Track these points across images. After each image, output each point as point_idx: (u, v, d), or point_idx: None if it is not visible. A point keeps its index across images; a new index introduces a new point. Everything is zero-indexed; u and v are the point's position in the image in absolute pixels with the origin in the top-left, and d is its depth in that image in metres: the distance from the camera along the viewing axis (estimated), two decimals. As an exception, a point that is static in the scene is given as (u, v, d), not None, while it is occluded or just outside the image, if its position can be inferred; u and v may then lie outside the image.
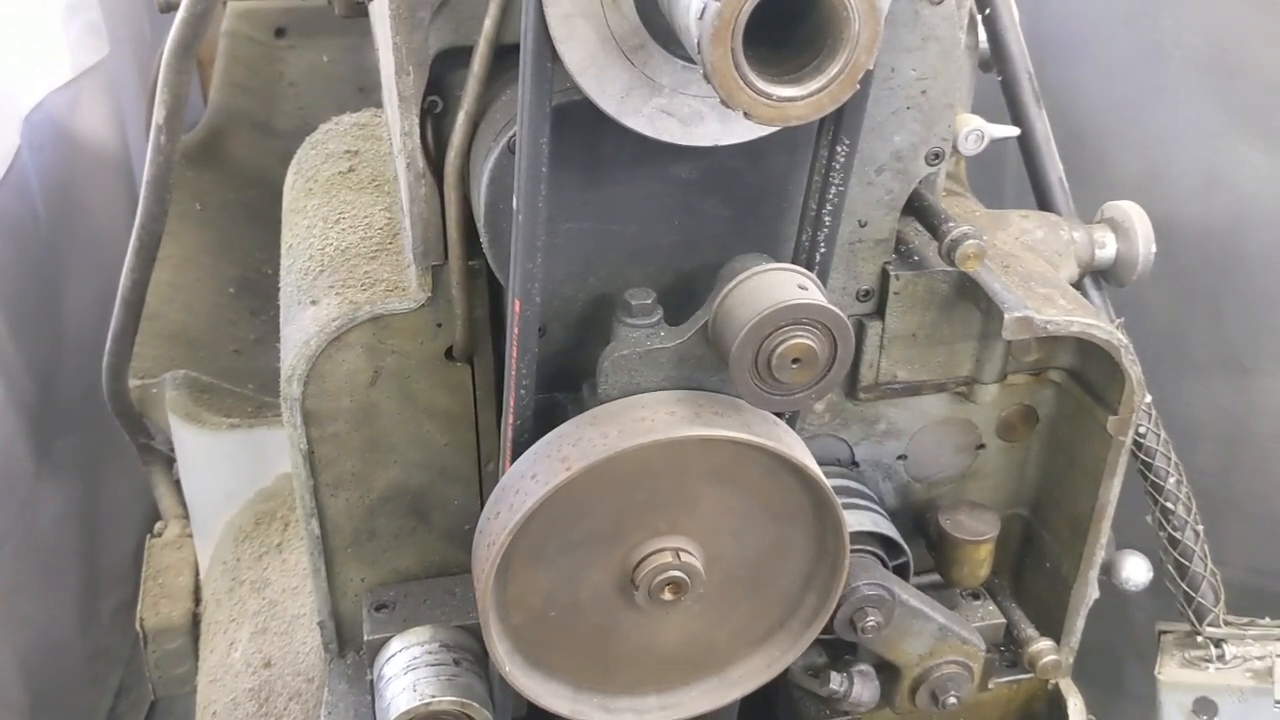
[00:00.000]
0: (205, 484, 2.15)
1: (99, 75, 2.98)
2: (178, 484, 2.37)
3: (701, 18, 0.90)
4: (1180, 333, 2.19)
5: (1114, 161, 2.18)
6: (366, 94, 2.85)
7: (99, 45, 2.99)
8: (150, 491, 2.57)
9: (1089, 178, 2.03)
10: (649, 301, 1.20)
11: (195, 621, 2.17)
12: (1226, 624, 1.74)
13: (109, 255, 2.84)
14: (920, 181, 1.36)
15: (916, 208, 1.37)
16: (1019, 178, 1.78)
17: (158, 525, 2.41)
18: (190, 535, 2.28)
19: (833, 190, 1.18)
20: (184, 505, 2.31)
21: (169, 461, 2.42)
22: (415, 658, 1.40)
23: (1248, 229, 2.05)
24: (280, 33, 2.95)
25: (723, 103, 0.93)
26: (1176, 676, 1.74)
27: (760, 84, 0.93)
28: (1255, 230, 2.04)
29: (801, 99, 0.95)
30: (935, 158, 1.34)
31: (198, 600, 2.20)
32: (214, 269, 2.60)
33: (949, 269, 1.36)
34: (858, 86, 0.95)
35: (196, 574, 2.24)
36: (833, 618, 1.37)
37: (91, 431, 2.80)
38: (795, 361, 1.13)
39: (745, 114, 0.94)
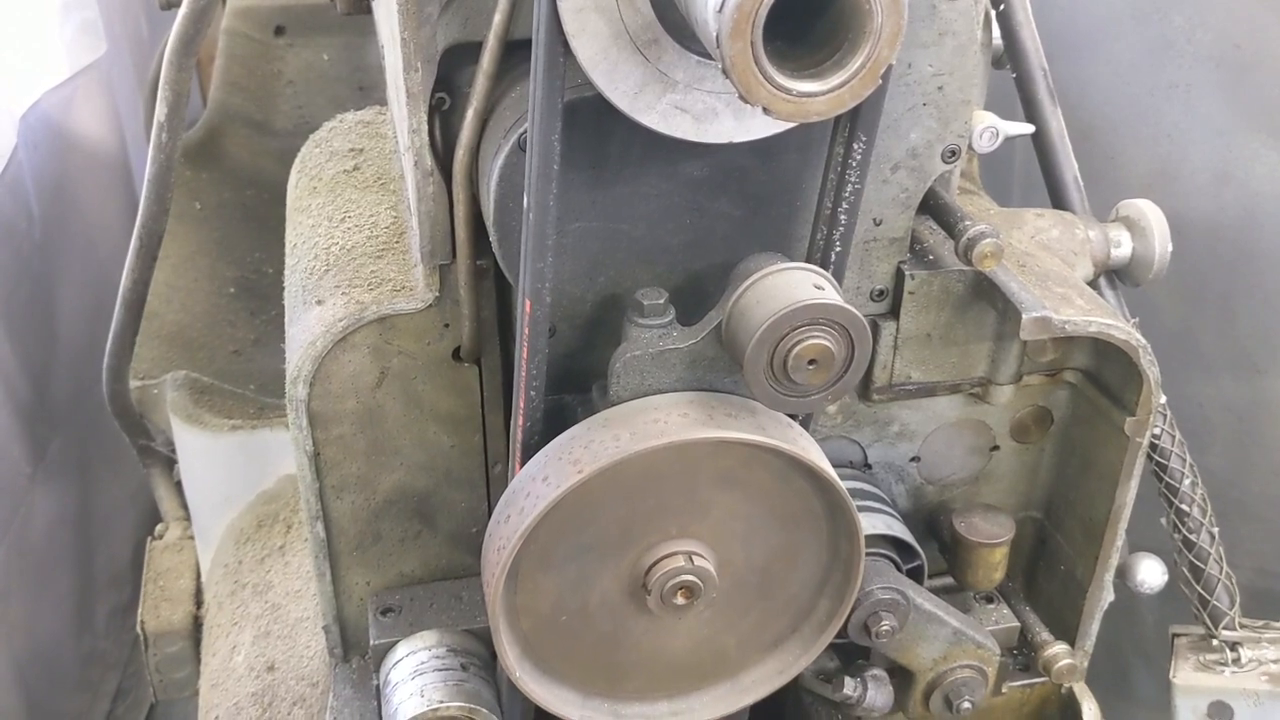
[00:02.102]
0: (206, 486, 2.13)
1: (96, 74, 2.96)
2: (178, 486, 2.35)
3: (720, 10, 0.88)
4: (1190, 332, 2.18)
5: (1125, 159, 2.17)
6: (366, 93, 2.83)
7: (96, 44, 2.98)
8: (146, 493, 2.56)
9: (1099, 175, 2.01)
10: (661, 302, 1.18)
11: (196, 625, 2.16)
12: (1242, 627, 1.72)
13: (105, 255, 2.83)
14: (935, 179, 1.34)
15: (932, 206, 1.35)
16: (1027, 175, 1.77)
17: (158, 527, 2.39)
18: (191, 537, 2.26)
19: (849, 188, 1.16)
20: (185, 507, 2.29)
21: (169, 463, 2.40)
22: (422, 663, 1.38)
23: (1260, 227, 2.03)
24: (279, 31, 2.93)
25: (741, 98, 0.91)
26: (1191, 680, 1.72)
27: (780, 79, 0.91)
28: (1267, 228, 2.02)
29: (822, 94, 0.93)
30: (951, 155, 1.32)
31: (199, 603, 2.18)
32: (212, 269, 2.58)
33: (965, 268, 1.34)
34: (880, 82, 0.93)
35: (198, 577, 2.22)
36: (846, 622, 1.35)
37: (87, 433, 2.79)
38: (811, 363, 1.11)
39: (765, 110, 0.92)
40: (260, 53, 2.92)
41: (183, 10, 1.86)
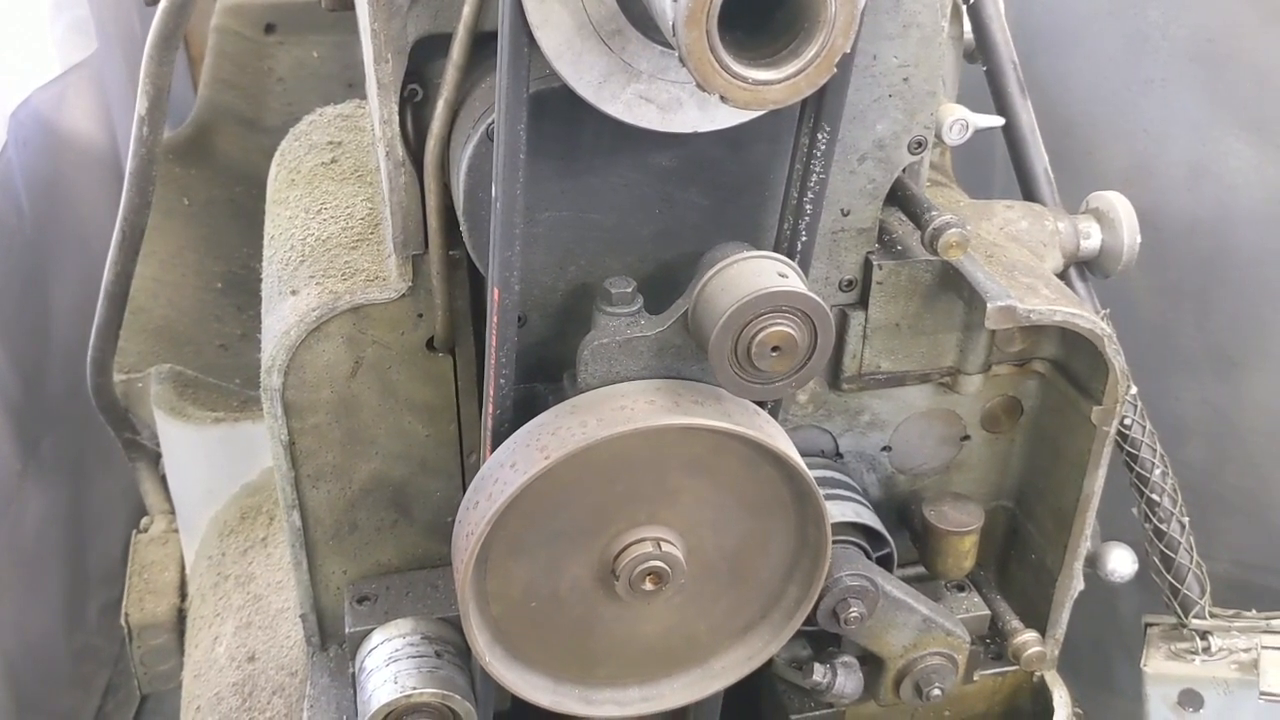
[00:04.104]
0: (190, 479, 2.14)
1: (87, 71, 2.97)
2: (163, 479, 2.36)
3: (676, 0, 0.89)
4: (1167, 326, 2.19)
5: (1102, 153, 2.18)
6: (356, 90, 2.84)
7: (87, 42, 2.99)
8: (138, 490, 2.57)
9: (1077, 169, 2.03)
10: (629, 290, 1.19)
11: (181, 617, 2.17)
12: (1212, 616, 1.74)
13: (96, 252, 2.83)
14: (903, 170, 1.35)
15: (899, 197, 1.36)
16: (1007, 169, 1.78)
17: (143, 521, 2.40)
18: (176, 530, 2.27)
19: (814, 178, 1.17)
20: (170, 501, 2.30)
21: (155, 457, 2.41)
22: (397, 650, 1.39)
23: (1235, 221, 2.04)
24: (270, 29, 2.95)
25: (699, 86, 0.93)
26: (1162, 669, 1.74)
27: (736, 67, 0.92)
28: (1243, 223, 2.04)
29: (778, 82, 0.94)
30: (918, 146, 1.34)
31: (183, 596, 2.19)
32: (200, 265, 2.60)
33: (932, 258, 1.36)
34: (835, 70, 0.95)
35: (182, 569, 2.23)
36: (815, 609, 1.37)
37: (79, 430, 2.80)
38: (775, 349, 1.12)
39: (721, 97, 0.93)
40: (251, 50, 2.93)
41: (162, 5, 1.88)
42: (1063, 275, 1.60)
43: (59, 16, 2.89)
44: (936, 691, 1.50)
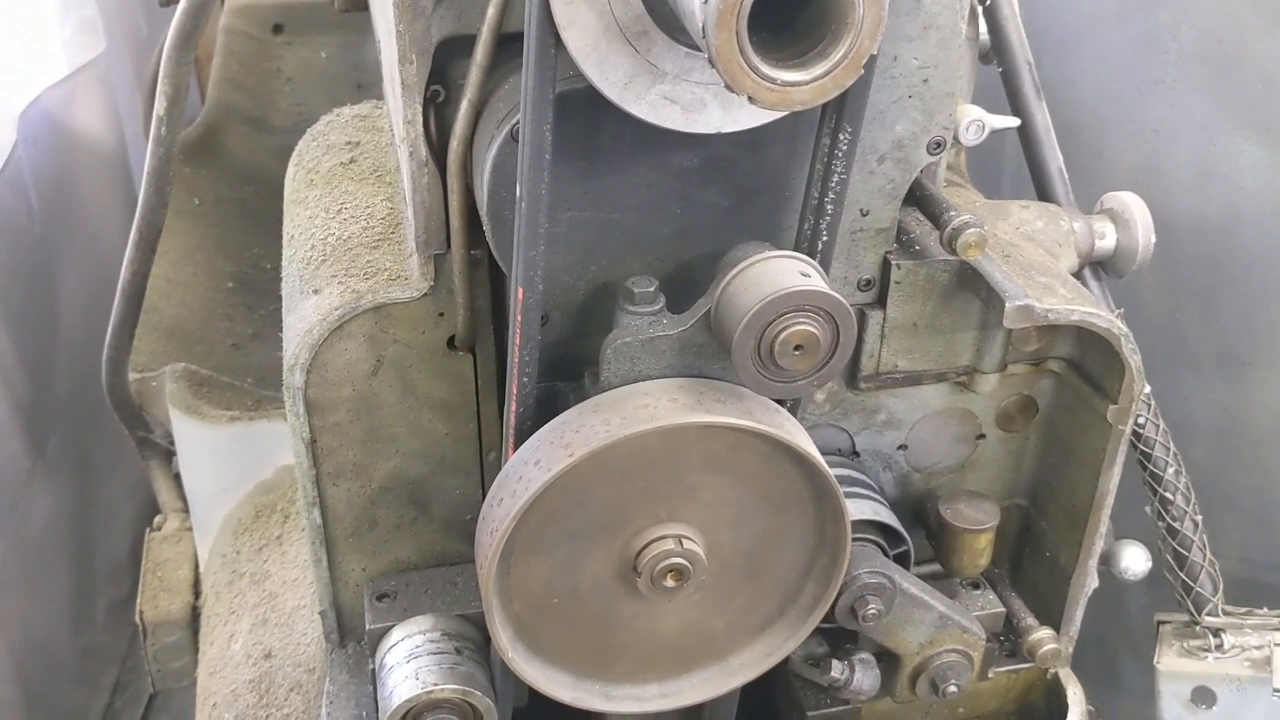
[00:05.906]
0: (204, 477, 2.15)
1: (95, 71, 2.99)
2: (177, 477, 2.37)
3: (706, 2, 0.90)
4: (1176, 326, 2.20)
5: (1110, 154, 2.19)
6: (364, 90, 2.86)
7: (95, 42, 3.00)
8: (146, 487, 2.58)
9: (1085, 170, 2.04)
10: (651, 289, 1.20)
11: (194, 615, 2.18)
12: (1225, 614, 1.75)
13: (104, 251, 2.85)
14: (921, 171, 1.36)
15: (918, 197, 1.37)
16: (1017, 169, 1.79)
17: (157, 519, 2.41)
18: (189, 529, 2.28)
19: (835, 179, 1.18)
20: (183, 499, 2.31)
21: (168, 455, 2.42)
22: (417, 646, 1.40)
23: (1244, 222, 2.05)
24: (278, 29, 2.96)
25: (727, 87, 0.94)
26: (1175, 666, 1.75)
27: (765, 68, 0.93)
28: (1251, 223, 2.04)
29: (806, 83, 0.95)
30: (936, 147, 1.35)
31: (197, 594, 2.20)
32: (210, 265, 2.61)
33: (950, 258, 1.36)
34: (862, 71, 0.96)
35: (196, 567, 2.24)
36: (833, 606, 1.37)
37: (86, 428, 2.81)
38: (798, 348, 1.13)
39: (750, 98, 0.95)
40: (259, 50, 2.95)
41: (181, 6, 1.89)
42: (1077, 275, 1.61)
43: (67, 17, 2.90)
44: (952, 688, 1.51)
